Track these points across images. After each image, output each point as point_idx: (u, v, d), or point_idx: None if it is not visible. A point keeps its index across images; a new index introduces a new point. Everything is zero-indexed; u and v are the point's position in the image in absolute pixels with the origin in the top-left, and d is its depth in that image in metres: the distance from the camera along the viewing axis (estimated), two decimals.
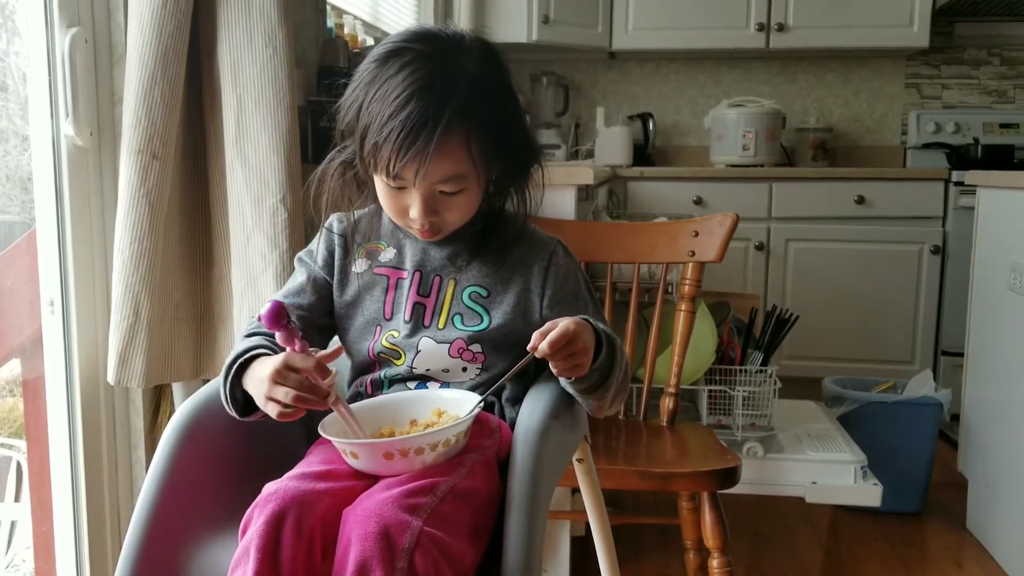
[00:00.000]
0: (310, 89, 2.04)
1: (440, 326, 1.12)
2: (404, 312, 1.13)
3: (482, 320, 1.12)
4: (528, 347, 0.98)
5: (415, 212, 1.06)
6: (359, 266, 1.17)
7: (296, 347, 0.96)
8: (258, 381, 0.98)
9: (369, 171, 1.07)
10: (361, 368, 1.16)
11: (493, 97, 1.06)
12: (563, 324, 0.98)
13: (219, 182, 1.54)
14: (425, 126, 0.99)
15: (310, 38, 2.08)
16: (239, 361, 1.02)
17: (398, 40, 1.06)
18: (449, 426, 0.97)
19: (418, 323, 1.13)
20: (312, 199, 1.15)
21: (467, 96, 1.02)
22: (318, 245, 1.19)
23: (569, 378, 1.05)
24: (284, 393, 0.94)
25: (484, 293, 1.13)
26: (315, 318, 1.17)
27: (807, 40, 3.68)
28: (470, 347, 1.11)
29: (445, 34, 1.06)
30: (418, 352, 1.11)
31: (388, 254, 1.17)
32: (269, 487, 0.93)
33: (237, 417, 1.04)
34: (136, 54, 1.40)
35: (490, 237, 1.14)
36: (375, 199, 1.16)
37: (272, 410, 0.96)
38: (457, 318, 1.12)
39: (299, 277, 1.19)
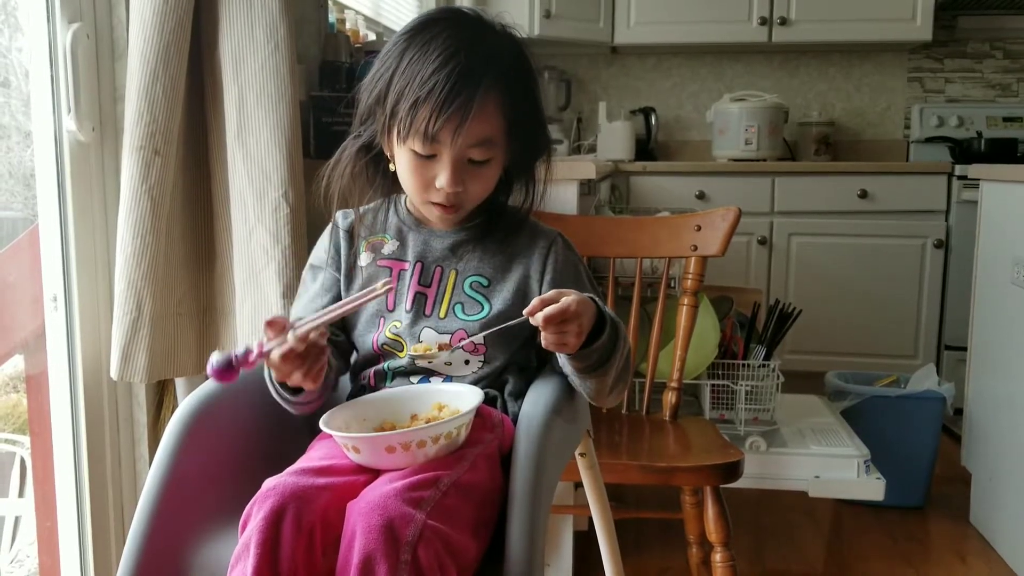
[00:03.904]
0: (312, 84, 2.04)
1: (441, 315, 1.12)
2: (406, 302, 1.14)
3: (483, 309, 1.12)
4: (525, 311, 0.97)
5: (443, 180, 1.06)
6: (363, 259, 1.17)
7: (254, 359, 0.92)
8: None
9: (396, 142, 1.07)
10: (366, 361, 1.16)
11: (527, 73, 1.10)
12: (565, 301, 0.97)
13: (221, 177, 1.54)
14: (468, 82, 1.00)
15: (312, 33, 2.08)
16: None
17: (428, 14, 1.09)
18: (450, 419, 0.98)
19: (419, 312, 1.13)
20: (324, 187, 1.15)
21: (507, 63, 1.05)
22: (327, 245, 1.20)
23: (568, 354, 1.03)
24: (295, 379, 0.98)
25: (485, 282, 1.14)
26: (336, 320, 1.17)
27: (809, 34, 3.68)
28: (471, 336, 1.11)
29: (474, 12, 1.10)
30: (419, 342, 1.11)
31: (391, 247, 1.17)
32: (268, 483, 0.93)
33: (294, 406, 1.07)
34: (138, 50, 1.40)
35: (492, 228, 1.15)
36: (383, 192, 1.17)
37: (308, 385, 0.99)
38: (458, 307, 1.12)
39: (314, 283, 1.20)
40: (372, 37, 2.58)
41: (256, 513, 0.89)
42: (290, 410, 1.08)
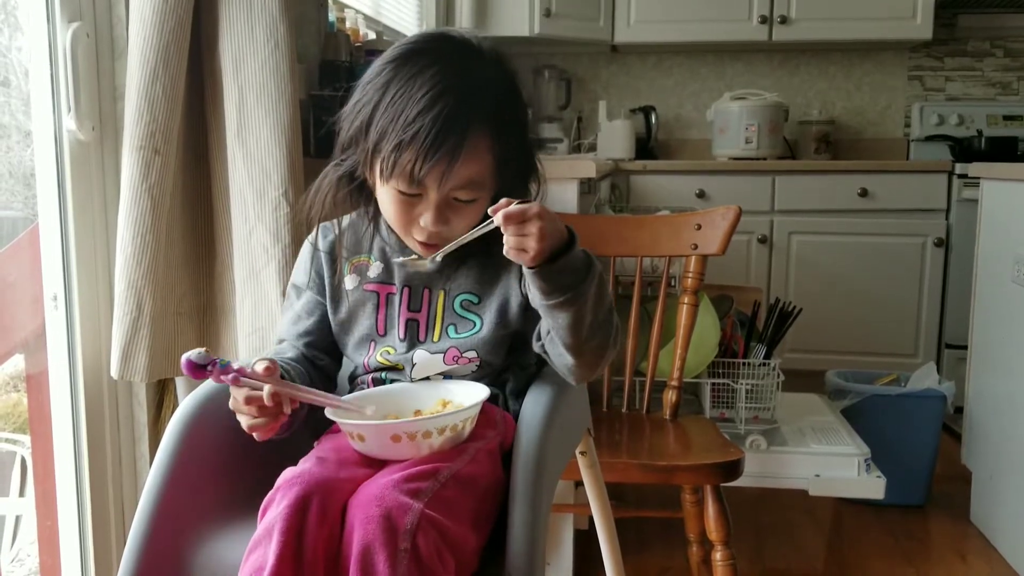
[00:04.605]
0: (312, 83, 2.04)
1: (435, 339, 1.11)
2: (398, 329, 1.12)
3: (475, 326, 1.11)
4: (490, 209, 0.93)
5: (426, 220, 1.02)
6: (349, 283, 1.14)
7: (226, 380, 0.93)
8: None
9: (379, 178, 1.03)
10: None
11: (516, 103, 1.06)
12: (531, 205, 0.92)
13: (221, 176, 1.54)
14: (455, 126, 0.97)
15: (312, 32, 2.08)
16: None
17: (414, 42, 1.04)
18: (457, 411, 0.98)
19: (413, 340, 1.12)
20: (306, 213, 1.13)
21: (494, 98, 1.02)
22: (308, 267, 1.17)
23: (530, 267, 0.96)
24: (244, 423, 0.97)
25: (475, 300, 1.11)
26: (321, 340, 1.16)
27: (810, 32, 3.67)
28: (465, 354, 1.10)
29: (461, 37, 1.05)
30: (414, 365, 1.11)
31: (375, 269, 1.14)
32: (291, 471, 0.93)
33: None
34: (138, 49, 1.40)
35: (477, 248, 1.11)
36: (368, 216, 1.13)
37: (256, 436, 0.97)
38: (451, 328, 1.11)
39: (296, 305, 1.17)
40: (372, 36, 2.58)
41: (280, 500, 0.89)
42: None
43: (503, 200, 0.93)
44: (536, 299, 1.00)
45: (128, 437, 1.59)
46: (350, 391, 1.17)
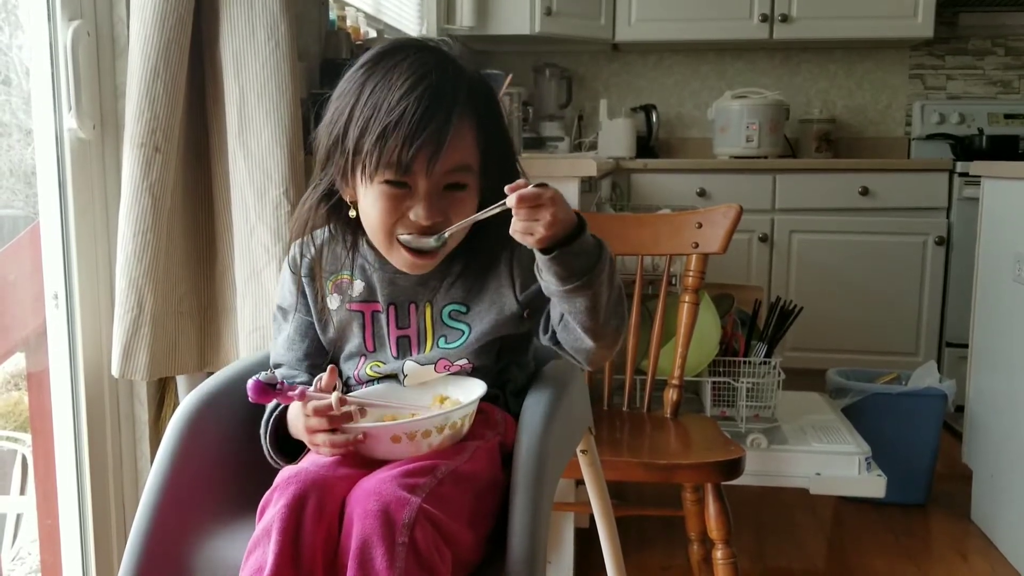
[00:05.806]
0: (313, 82, 2.04)
1: (426, 352, 1.10)
2: (389, 348, 1.11)
3: (464, 335, 1.09)
4: (506, 187, 0.91)
5: (419, 212, 0.99)
6: (332, 302, 1.12)
7: (293, 396, 0.94)
8: (301, 436, 1.00)
9: (363, 180, 1.00)
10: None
11: (491, 100, 1.05)
12: (545, 190, 0.91)
13: (222, 175, 1.54)
14: (442, 105, 0.96)
15: (312, 31, 2.08)
16: (270, 422, 1.05)
17: (388, 44, 1.03)
18: (455, 408, 0.98)
19: (405, 354, 1.11)
20: (290, 241, 1.13)
21: (472, 87, 1.01)
22: (292, 288, 1.15)
23: (542, 250, 0.94)
24: (322, 440, 0.96)
25: (464, 309, 1.10)
26: (317, 359, 1.15)
27: (811, 31, 3.67)
28: (456, 362, 1.09)
29: (435, 42, 1.05)
30: (405, 375, 1.10)
31: (357, 288, 1.12)
32: (288, 470, 0.93)
33: (279, 464, 1.04)
34: (138, 47, 1.40)
35: (457, 259, 1.10)
36: (341, 229, 1.11)
37: (330, 453, 0.98)
38: (441, 340, 1.10)
39: (287, 329, 1.16)
40: (373, 34, 2.58)
41: (277, 499, 0.89)
42: (270, 461, 1.06)
43: (520, 180, 0.91)
44: (552, 286, 0.97)
45: (129, 436, 1.59)
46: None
